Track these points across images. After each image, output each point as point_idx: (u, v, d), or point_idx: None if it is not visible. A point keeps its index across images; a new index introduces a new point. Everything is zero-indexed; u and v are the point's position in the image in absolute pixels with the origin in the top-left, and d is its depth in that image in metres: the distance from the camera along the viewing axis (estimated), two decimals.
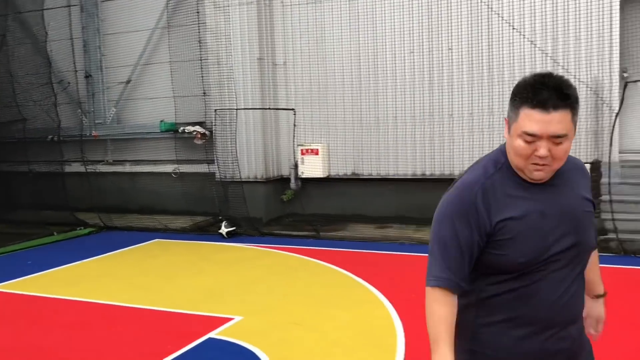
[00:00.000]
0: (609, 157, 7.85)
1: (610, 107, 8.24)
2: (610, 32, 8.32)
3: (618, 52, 8.32)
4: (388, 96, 9.75)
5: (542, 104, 1.69)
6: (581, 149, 8.49)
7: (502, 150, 1.91)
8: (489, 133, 9.13)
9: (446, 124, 9.42)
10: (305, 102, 10.22)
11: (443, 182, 9.41)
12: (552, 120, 1.69)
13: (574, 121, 1.74)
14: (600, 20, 8.36)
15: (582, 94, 8.49)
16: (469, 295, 1.89)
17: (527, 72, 8.69)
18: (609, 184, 7.72)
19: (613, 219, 7.59)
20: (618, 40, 8.31)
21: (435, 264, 1.84)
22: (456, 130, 9.36)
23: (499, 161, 1.88)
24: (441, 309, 1.80)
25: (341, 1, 9.88)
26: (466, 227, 1.81)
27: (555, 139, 1.72)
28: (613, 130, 7.94)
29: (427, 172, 9.62)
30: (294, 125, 9.90)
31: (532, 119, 1.71)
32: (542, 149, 1.72)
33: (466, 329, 1.89)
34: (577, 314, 1.93)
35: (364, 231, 9.30)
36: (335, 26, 9.95)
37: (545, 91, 1.69)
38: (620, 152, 8.44)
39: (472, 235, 1.81)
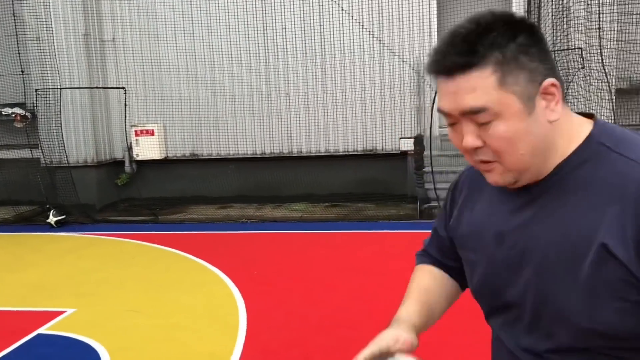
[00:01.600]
0: (430, 131, 8.54)
1: (431, 85, 8.94)
2: (429, 15, 8.99)
3: (436, 34, 9.03)
4: (225, 74, 9.67)
5: (443, 67, 1.06)
6: (405, 126, 9.14)
7: None
8: (323, 111, 9.46)
9: (283, 103, 9.59)
10: (138, 81, 9.78)
11: (282, 160, 9.63)
12: (459, 90, 1.04)
13: (508, 87, 1.03)
14: (420, 4, 8.99)
15: (406, 74, 9.12)
16: None
17: (357, 53, 9.15)
18: (430, 156, 8.41)
19: (435, 188, 8.30)
20: (436, 23, 9.00)
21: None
22: (293, 109, 9.57)
23: None
24: (416, 273, 1.50)
25: None
26: (442, 211, 1.42)
27: (475, 116, 1.05)
28: (433, 106, 8.64)
29: (267, 151, 9.74)
30: (125, 105, 9.44)
31: (440, 90, 1.09)
32: (466, 136, 1.07)
33: None
34: None
35: (206, 212, 9.21)
36: (166, 1, 9.60)
37: (444, 46, 1.05)
38: (440, 127, 9.22)
39: (440, 222, 1.44)
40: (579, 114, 1.15)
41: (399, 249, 6.84)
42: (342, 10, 9.09)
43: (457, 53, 1.02)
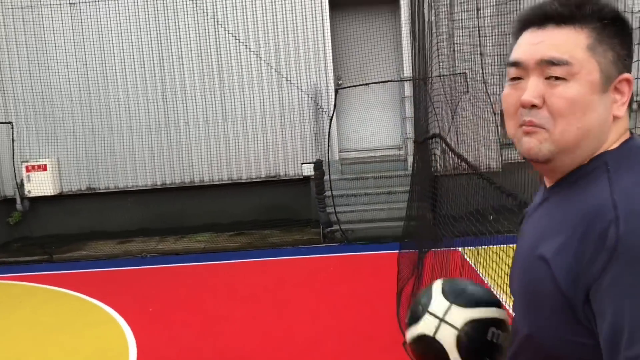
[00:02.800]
0: (328, 156, 8.71)
1: (328, 112, 9.15)
2: (324, 44, 9.23)
3: (331, 61, 9.27)
4: (121, 106, 9.45)
5: (538, 19, 1.03)
6: (307, 151, 9.28)
7: None
8: (224, 140, 9.43)
9: (183, 132, 9.48)
10: (28, 114, 9.37)
11: (185, 190, 9.48)
12: (546, 39, 1.01)
13: (595, 55, 0.99)
14: (315, 35, 9.23)
15: (304, 101, 9.29)
16: None
17: (255, 82, 9.23)
18: (330, 180, 8.56)
19: (336, 212, 8.44)
20: (331, 52, 9.25)
21: None
22: (193, 138, 9.48)
23: None
24: None
25: (62, 7, 9.28)
26: None
27: (549, 67, 0.99)
28: (330, 132, 8.84)
29: (168, 181, 9.57)
30: (13, 141, 9.00)
31: (520, 43, 1.06)
32: (528, 90, 1.01)
33: None
34: None
35: (104, 248, 8.89)
36: (57, 32, 9.31)
37: (549, 4, 1.03)
38: (339, 151, 9.43)
39: None
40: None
41: (302, 276, 6.89)
42: (238, 41, 9.17)
43: (563, 4, 1.02)
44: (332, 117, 8.84)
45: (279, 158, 9.45)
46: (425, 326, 1.29)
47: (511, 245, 3.79)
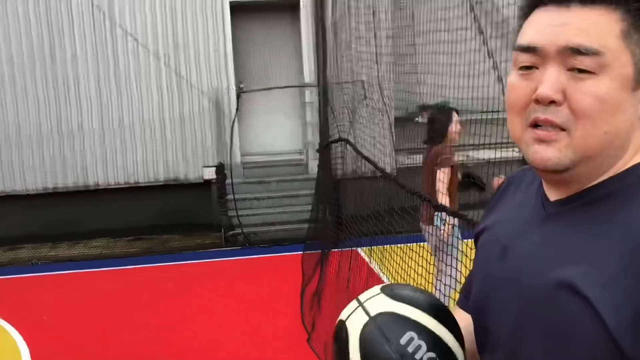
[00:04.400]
0: (230, 159, 8.73)
1: (230, 115, 9.16)
2: (225, 48, 9.22)
3: (232, 65, 9.29)
4: (8, 107, 8.91)
5: None
6: (208, 154, 9.24)
7: None
8: (121, 142, 9.16)
9: (76, 134, 9.09)
10: None
11: (79, 194, 9.10)
12: (572, 21, 0.83)
13: (630, 43, 0.83)
14: (216, 39, 9.20)
15: (205, 104, 9.23)
16: None
17: (154, 84, 9.06)
18: (232, 184, 8.58)
19: (238, 216, 8.48)
20: (232, 55, 9.27)
21: None
22: (87, 140, 9.12)
23: None
24: None
25: None
26: None
27: (575, 57, 0.82)
28: (232, 135, 8.86)
29: (60, 185, 9.14)
30: None
31: (535, 23, 0.88)
32: (546, 82, 0.84)
33: None
34: None
35: None
36: None
37: None
38: (241, 155, 9.46)
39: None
40: None
41: (203, 280, 6.86)
42: (137, 42, 8.96)
43: None
44: (234, 120, 8.86)
45: (180, 161, 9.32)
46: (344, 311, 1.06)
47: (409, 245, 4.04)
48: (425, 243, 4.33)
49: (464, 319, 1.12)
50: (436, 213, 4.28)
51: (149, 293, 6.38)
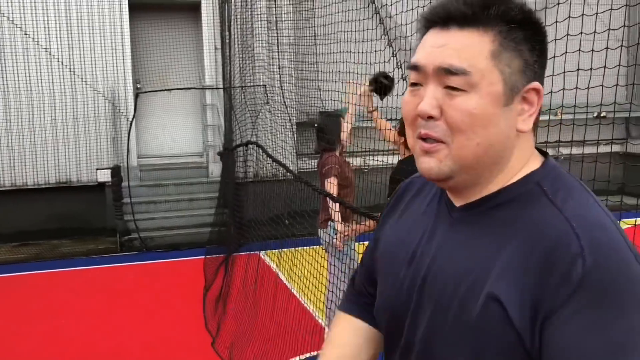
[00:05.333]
0: (127, 162, 8.47)
1: (127, 116, 8.88)
2: (122, 47, 8.93)
3: (130, 65, 9.01)
4: None
5: (441, 18, 0.94)
6: (102, 156, 8.90)
7: None
8: (7, 142, 8.60)
9: None
10: None
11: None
12: (449, 43, 0.92)
13: (499, 63, 0.91)
14: (113, 36, 8.89)
15: (100, 104, 8.89)
16: None
17: (45, 80, 8.60)
18: (129, 187, 8.32)
19: (134, 220, 8.23)
20: (130, 55, 8.99)
21: None
22: None
23: None
24: (332, 328, 1.31)
25: None
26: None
27: (447, 76, 0.91)
28: (129, 137, 8.59)
29: None
30: None
31: (423, 43, 0.97)
32: (425, 99, 0.93)
33: None
34: None
35: None
36: None
37: (452, 1, 0.94)
38: (138, 157, 9.19)
39: (367, 248, 1.27)
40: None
41: (99, 286, 6.61)
42: (27, 36, 8.46)
43: (466, 3, 0.91)
44: (132, 121, 8.60)
45: (72, 163, 8.89)
46: None
47: (306, 248, 4.14)
48: (321, 246, 4.43)
49: (348, 326, 1.20)
50: (330, 221, 4.25)
51: (40, 301, 6.05)
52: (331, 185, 4.21)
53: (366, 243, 1.28)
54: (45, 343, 4.92)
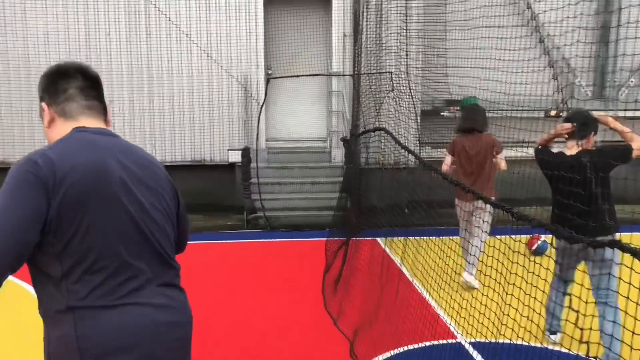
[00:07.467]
0: (257, 144, 8.86)
1: (258, 100, 9.28)
2: (256, 33, 9.33)
3: (263, 51, 9.40)
4: None
5: None
6: (234, 137, 9.38)
7: None
8: (150, 121, 9.34)
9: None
10: None
11: None
12: None
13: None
14: (248, 22, 9.30)
15: (234, 87, 9.36)
16: None
17: (184, 65, 9.20)
18: (257, 168, 8.72)
19: (261, 199, 8.62)
20: (263, 41, 9.37)
21: None
22: (117, 118, 9.30)
23: None
24: None
25: None
26: None
27: None
28: (259, 120, 8.98)
29: None
30: None
31: None
32: None
33: None
34: None
35: None
36: None
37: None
38: (267, 140, 9.59)
39: None
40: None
41: (225, 260, 7.02)
42: (170, 21, 9.08)
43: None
44: (262, 105, 8.98)
45: (206, 143, 9.47)
46: None
47: (432, 238, 4.13)
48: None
49: None
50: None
51: None
52: (502, 162, 5.44)
53: None
54: None
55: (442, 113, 9.28)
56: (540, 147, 4.18)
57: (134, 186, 1.77)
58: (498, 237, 3.72)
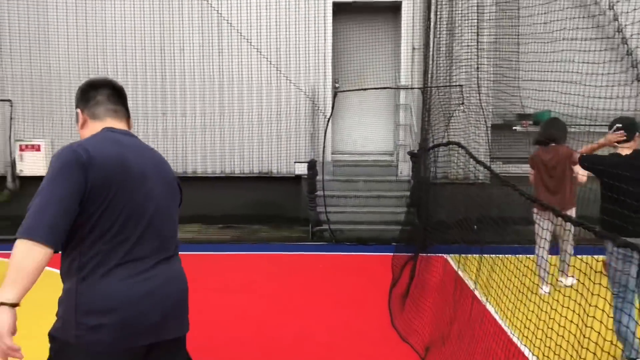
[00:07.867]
0: (323, 157, 8.88)
1: (325, 113, 9.32)
2: (325, 47, 9.40)
3: (331, 64, 9.45)
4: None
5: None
6: (300, 150, 9.44)
7: None
8: (220, 133, 9.54)
9: (179, 123, 9.56)
10: (25, 94, 9.37)
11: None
12: None
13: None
14: (317, 37, 9.39)
15: (301, 100, 9.44)
16: None
17: (254, 78, 9.36)
18: (323, 180, 8.72)
19: (326, 212, 8.61)
20: (331, 55, 9.43)
21: None
22: (189, 130, 9.57)
23: None
24: None
25: None
26: None
27: None
28: (325, 133, 9.01)
29: None
30: (11, 119, 9.00)
31: None
32: None
33: None
34: None
35: None
36: (60, 12, 9.33)
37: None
38: (332, 153, 9.60)
39: None
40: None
41: (291, 271, 7.03)
42: (241, 36, 9.28)
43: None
44: (329, 118, 9.00)
45: (273, 155, 9.59)
46: None
47: (492, 256, 3.97)
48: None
49: None
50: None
51: (238, 279, 6.62)
52: (583, 177, 5.43)
53: None
54: (239, 315, 5.37)
55: (514, 127, 9.02)
56: (585, 154, 4.43)
57: (148, 176, 2.18)
58: (579, 256, 3.54)
